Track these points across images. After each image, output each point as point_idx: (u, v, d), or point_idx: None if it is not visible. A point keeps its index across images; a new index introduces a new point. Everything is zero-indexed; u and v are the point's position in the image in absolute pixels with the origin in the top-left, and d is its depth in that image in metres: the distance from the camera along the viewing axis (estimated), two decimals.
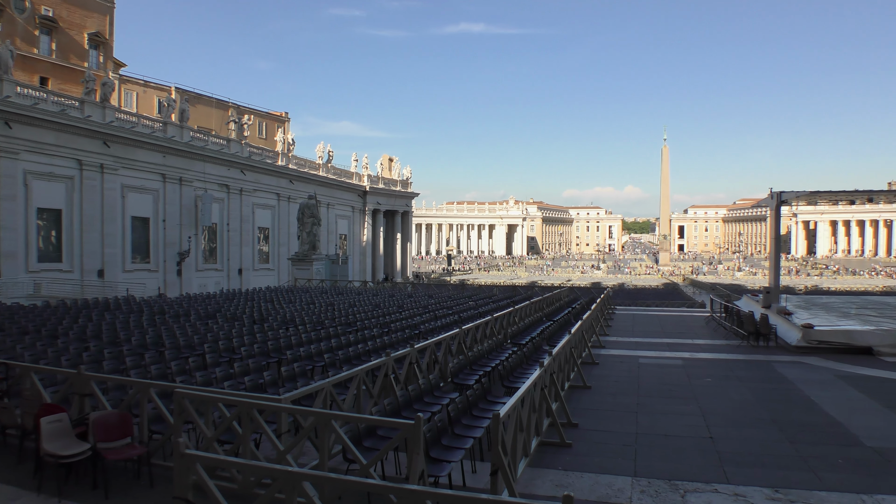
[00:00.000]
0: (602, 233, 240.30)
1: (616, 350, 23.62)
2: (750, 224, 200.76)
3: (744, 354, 23.36)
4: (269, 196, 60.52)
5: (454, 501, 7.73)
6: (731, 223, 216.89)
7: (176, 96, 58.63)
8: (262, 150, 62.06)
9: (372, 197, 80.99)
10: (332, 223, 71.61)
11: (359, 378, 11.66)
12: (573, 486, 9.54)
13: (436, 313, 26.84)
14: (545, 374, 11.98)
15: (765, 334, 25.18)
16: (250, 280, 55.00)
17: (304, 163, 68.11)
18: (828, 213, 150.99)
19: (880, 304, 36.46)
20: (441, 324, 23.30)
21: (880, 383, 18.15)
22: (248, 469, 7.76)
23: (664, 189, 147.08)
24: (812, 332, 24.09)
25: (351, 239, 77.17)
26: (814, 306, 33.76)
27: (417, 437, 7.53)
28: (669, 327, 31.90)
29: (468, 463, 9.97)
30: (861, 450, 11.81)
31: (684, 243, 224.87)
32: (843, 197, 34.70)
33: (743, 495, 9.30)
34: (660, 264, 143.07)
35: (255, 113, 76.79)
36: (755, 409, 15.15)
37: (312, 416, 8.50)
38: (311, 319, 23.01)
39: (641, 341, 26.39)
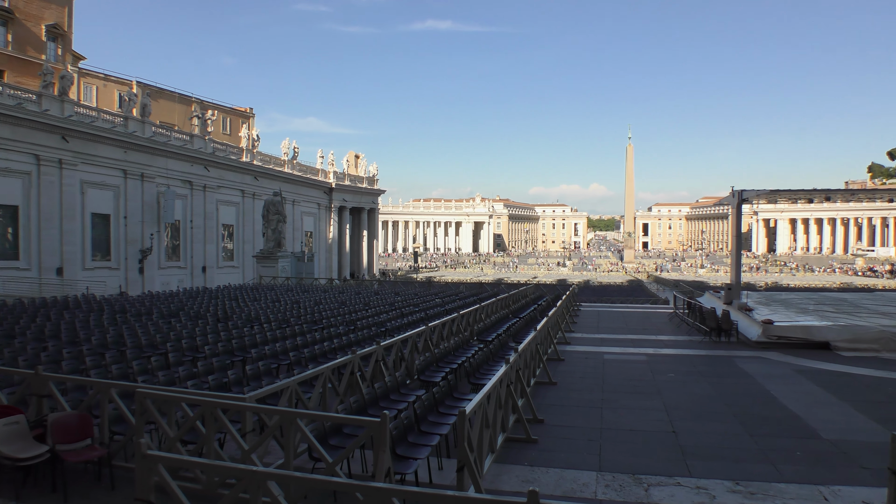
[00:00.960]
0: (568, 230, 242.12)
1: (581, 346, 23.83)
2: (712, 222, 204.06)
3: (706, 350, 23.75)
4: (234, 193, 59.81)
5: (420, 499, 7.73)
6: (694, 221, 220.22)
7: (137, 90, 57.65)
8: (226, 146, 61.30)
9: (338, 194, 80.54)
10: (298, 220, 71.05)
11: (324, 376, 11.61)
12: (539, 482, 9.61)
13: (402, 311, 26.81)
14: (511, 371, 12.05)
15: (726, 330, 25.63)
16: (214, 278, 54.31)
17: (269, 159, 67.46)
18: (787, 212, 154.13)
19: (837, 300, 37.33)
20: (407, 321, 23.29)
21: (837, 377, 18.60)
22: (212, 469, 7.68)
23: (629, 187, 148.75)
24: (772, 327, 24.59)
25: (317, 236, 76.65)
26: (774, 302, 34.44)
27: (383, 434, 7.52)
28: (634, 323, 32.28)
29: (435, 460, 9.99)
30: (819, 442, 12.11)
31: (648, 241, 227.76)
32: (801, 195, 35.45)
33: (705, 488, 9.46)
34: (624, 261, 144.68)
35: (219, 108, 75.79)
36: (717, 403, 15.42)
37: (277, 415, 8.44)
38: (276, 317, 22.82)
39: (606, 337, 26.67)
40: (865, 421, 13.62)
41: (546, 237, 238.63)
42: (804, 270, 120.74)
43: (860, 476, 10.08)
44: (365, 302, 30.54)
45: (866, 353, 22.54)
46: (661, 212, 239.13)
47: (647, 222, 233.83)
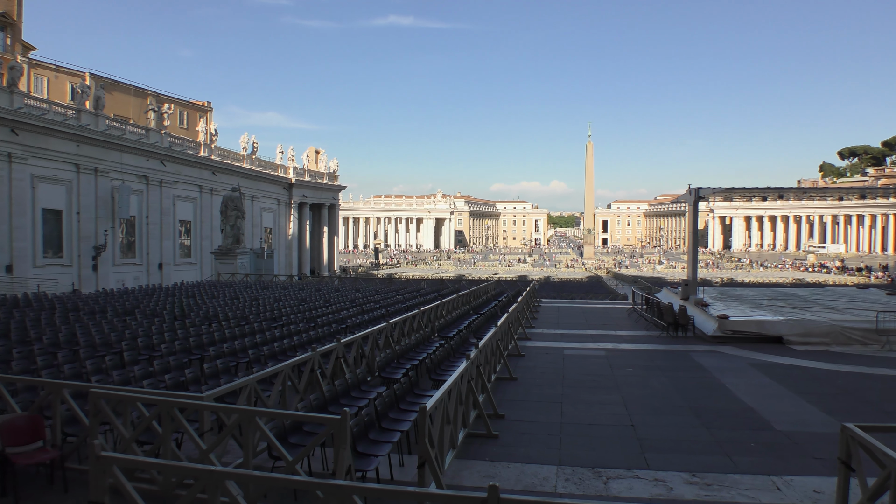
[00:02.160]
0: (528, 227, 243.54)
1: (542, 342, 24.01)
2: (670, 219, 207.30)
3: (663, 344, 24.13)
4: (191, 188, 58.83)
5: (381, 495, 7.70)
6: (653, 218, 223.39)
7: (90, 82, 56.17)
8: (183, 140, 60.23)
9: (298, 190, 79.80)
10: (257, 216, 70.23)
11: (284, 374, 11.50)
12: (500, 477, 9.66)
13: (363, 307, 26.71)
14: (472, 367, 12.08)
15: (683, 325, 26.07)
16: (171, 275, 53.34)
17: (227, 154, 66.51)
18: (742, 209, 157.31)
19: (790, 295, 38.26)
20: (368, 318, 23.21)
21: (789, 370, 19.08)
22: (169, 469, 7.55)
23: (588, 184, 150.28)
24: (727, 322, 25.09)
25: (276, 232, 75.86)
26: (729, 298, 35.15)
27: (344, 432, 7.48)
28: (593, 319, 32.63)
29: (396, 457, 9.97)
30: (772, 434, 12.41)
31: (608, 237, 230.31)
32: (756, 193, 36.26)
33: (662, 480, 9.62)
34: (584, 258, 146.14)
35: (176, 102, 74.48)
36: (674, 397, 15.68)
37: (236, 414, 8.32)
38: (234, 315, 22.54)
39: (566, 333, 26.92)
40: (816, 413, 13.99)
41: (507, 234, 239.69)
42: (758, 267, 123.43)
43: (812, 466, 10.37)
44: (325, 299, 30.35)
45: (817, 346, 23.17)
46: (620, 209, 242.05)
47: (606, 219, 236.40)
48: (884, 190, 66.44)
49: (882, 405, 15.14)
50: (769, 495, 9.13)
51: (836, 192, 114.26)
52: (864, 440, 7.15)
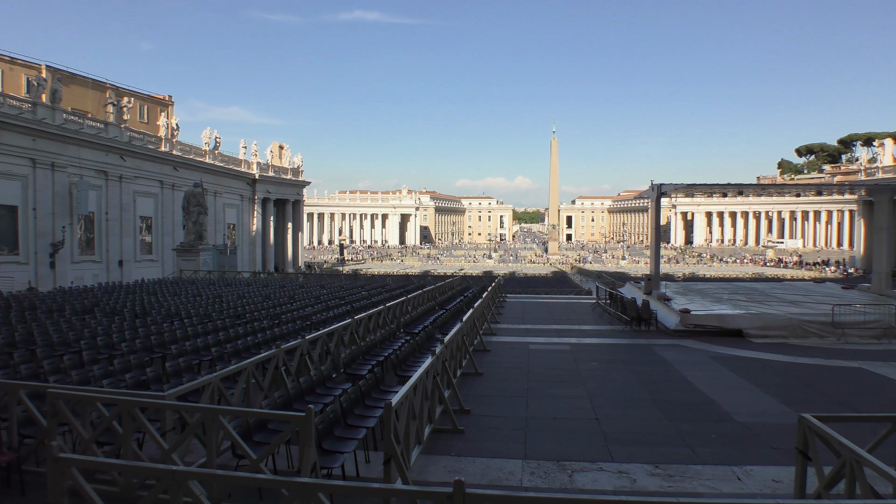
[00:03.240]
0: (494, 222, 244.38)
1: (507, 337, 24.14)
2: (633, 215, 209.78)
3: (627, 339, 24.44)
4: (152, 183, 57.77)
5: (347, 492, 7.68)
6: (616, 214, 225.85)
7: (47, 75, 54.77)
8: (143, 134, 59.09)
9: (262, 185, 78.94)
10: (220, 212, 69.30)
11: (248, 371, 11.38)
12: (466, 471, 9.70)
13: (328, 304, 26.57)
14: (437, 362, 12.10)
15: (646, 319, 26.44)
16: (132, 272, 52.33)
17: (189, 149, 65.47)
18: (704, 205, 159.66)
19: (749, 289, 38.99)
20: (333, 314, 23.09)
21: (749, 363, 19.47)
22: (130, 470, 7.42)
23: (553, 180, 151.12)
24: (689, 316, 25.50)
25: (240, 228, 74.97)
26: (690, 292, 35.69)
27: (308, 429, 7.43)
28: (558, 314, 32.89)
29: (362, 453, 9.95)
30: (732, 425, 12.67)
31: (572, 233, 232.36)
32: (716, 189, 36.85)
33: (626, 472, 9.76)
34: (549, 253, 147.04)
35: (136, 95, 72.95)
36: (637, 390, 15.90)
37: (199, 412, 8.22)
38: (197, 312, 22.24)
39: (531, 328, 27.11)
40: (775, 404, 14.32)
41: (472, 229, 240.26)
42: (719, 262, 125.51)
43: (770, 456, 10.60)
44: (290, 295, 30.11)
45: (776, 339, 23.69)
46: (584, 205, 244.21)
47: (570, 215, 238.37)
48: (839, 187, 67.76)
49: (838, 396, 15.54)
50: (729, 485, 9.32)
51: (793, 189, 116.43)
52: (820, 430, 7.33)
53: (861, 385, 16.72)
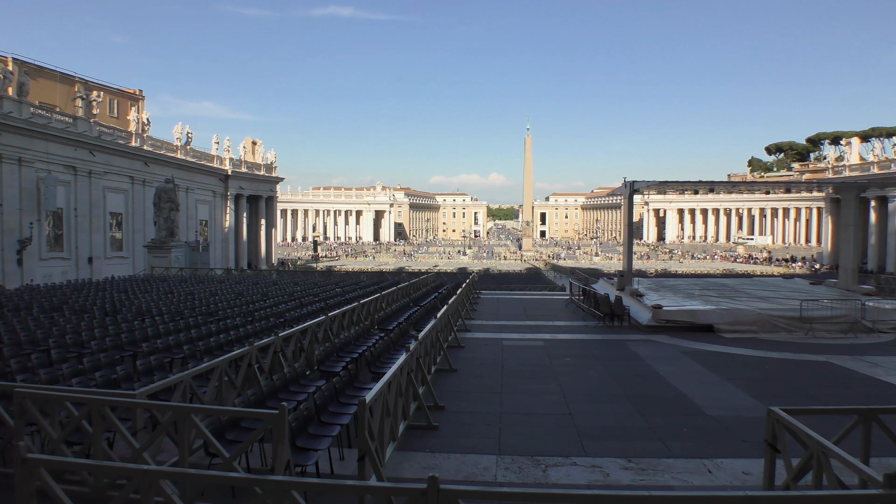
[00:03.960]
0: (468, 219, 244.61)
1: (481, 333, 24.20)
2: (606, 211, 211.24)
3: (600, 334, 24.62)
4: (123, 179, 56.89)
5: (321, 490, 7.67)
6: (590, 210, 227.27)
7: (14, 68, 53.61)
8: (113, 129, 58.14)
9: (234, 181, 78.19)
10: (192, 208, 68.49)
11: (220, 369, 11.28)
12: (440, 468, 9.71)
13: (301, 300, 26.44)
14: (412, 359, 12.10)
15: (619, 315, 26.66)
16: (102, 269, 51.53)
17: (160, 144, 64.59)
18: (676, 202, 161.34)
19: (720, 285, 39.49)
20: (307, 311, 22.98)
21: (720, 357, 19.75)
22: (100, 470, 7.34)
23: (527, 177, 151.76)
24: (661, 312, 25.78)
25: (212, 225, 74.20)
26: (663, 288, 36.06)
27: (282, 426, 7.39)
28: (532, 310, 33.04)
29: (336, 450, 9.93)
30: (703, 419, 12.85)
31: (546, 229, 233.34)
32: (688, 187, 37.22)
33: (599, 466, 9.85)
34: (523, 250, 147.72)
35: (106, 89, 71.76)
36: (610, 385, 16.05)
37: (170, 411, 8.13)
38: (169, 310, 21.99)
39: (505, 324, 27.21)
40: (745, 397, 14.54)
41: (447, 226, 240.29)
42: (690, 258, 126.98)
43: (741, 448, 10.77)
44: (263, 292, 29.91)
45: (746, 334, 24.04)
46: (558, 201, 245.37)
47: (544, 211, 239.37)
48: (807, 184, 68.94)
49: (806, 389, 15.83)
50: (701, 477, 9.45)
51: (763, 186, 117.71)
52: (788, 423, 7.46)
53: (828, 378, 17.04)
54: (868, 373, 17.33)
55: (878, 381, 16.43)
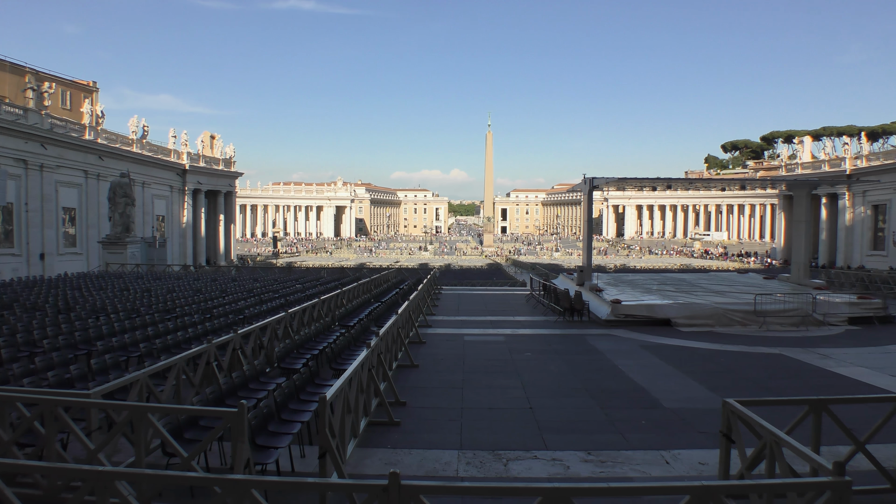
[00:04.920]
0: (429, 215, 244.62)
1: (442, 329, 24.25)
2: (567, 207, 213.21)
3: (560, 329, 24.87)
4: (76, 173, 55.53)
5: (281, 488, 7.62)
6: (550, 206, 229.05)
7: None
8: (66, 122, 56.68)
9: (192, 176, 76.91)
10: (149, 203, 67.19)
11: (178, 367, 11.11)
12: (402, 463, 9.72)
13: (261, 297, 26.18)
14: (372, 355, 12.08)
15: (579, 310, 26.95)
16: (55, 266, 50.27)
17: (115, 138, 63.14)
18: (634, 199, 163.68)
19: (678, 280, 40.16)
20: (267, 308, 22.75)
21: (677, 351, 20.10)
22: (54, 472, 7.17)
23: (488, 173, 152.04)
24: (620, 306, 26.13)
25: (169, 220, 72.93)
26: (622, 283, 36.54)
27: (241, 424, 7.32)
28: (493, 305, 33.21)
29: (297, 448, 9.86)
30: (661, 411, 13.07)
31: (507, 225, 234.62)
32: (646, 183, 37.80)
33: (560, 459, 9.96)
34: (484, 246, 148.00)
35: (59, 81, 69.85)
36: (570, 379, 16.22)
37: (126, 410, 7.98)
38: (125, 307, 21.55)
39: (467, 319, 27.29)
40: (701, 390, 14.84)
41: (408, 222, 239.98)
42: (649, 253, 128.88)
43: (697, 440, 11.00)
44: (222, 289, 29.53)
45: (702, 328, 24.51)
46: (518, 197, 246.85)
47: (505, 207, 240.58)
48: (761, 182, 70.95)
49: (760, 381, 16.22)
50: (659, 469, 9.62)
51: (719, 183, 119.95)
52: (743, 414, 7.63)
53: (781, 370, 17.48)
54: (819, 364, 17.83)
55: (828, 372, 16.92)
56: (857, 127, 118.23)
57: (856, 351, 19.97)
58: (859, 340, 22.12)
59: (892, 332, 23.68)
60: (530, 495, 5.82)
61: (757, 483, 6.84)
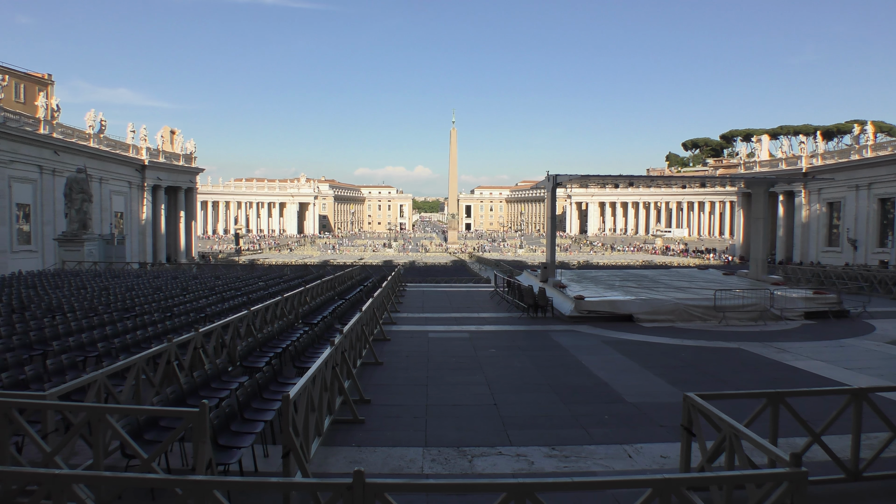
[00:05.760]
0: (394, 211, 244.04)
1: (407, 326, 24.22)
2: (530, 204, 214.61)
3: (524, 325, 25.01)
4: (30, 168, 54.10)
5: (244, 488, 7.54)
6: (514, 203, 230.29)
7: None
8: (20, 115, 55.19)
9: (152, 172, 75.57)
10: (107, 200, 65.83)
11: (138, 367, 10.91)
12: (367, 461, 9.68)
13: (223, 295, 25.86)
14: (336, 353, 12.01)
15: (543, 306, 27.13)
16: (8, 264, 48.94)
17: (72, 132, 61.70)
18: (597, 196, 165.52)
19: (639, 276, 40.70)
20: (229, 306, 22.49)
21: (639, 346, 20.37)
22: (8, 476, 6.97)
23: (452, 170, 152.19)
24: (583, 302, 26.36)
25: (128, 217, 71.55)
26: (585, 279, 36.87)
27: (203, 424, 7.21)
28: (457, 302, 33.26)
29: (260, 447, 9.75)
30: (623, 406, 13.24)
31: (471, 222, 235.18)
32: (609, 180, 38.30)
33: (524, 455, 10.01)
34: (448, 242, 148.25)
35: (12, 73, 68.05)
36: (534, 375, 16.32)
37: (84, 412, 7.80)
38: (82, 306, 21.10)
39: (431, 316, 27.30)
40: (662, 384, 15.05)
41: (372, 218, 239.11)
42: (611, 250, 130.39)
43: (659, 433, 11.16)
44: (183, 287, 29.09)
45: (663, 323, 24.87)
46: (483, 194, 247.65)
47: (469, 204, 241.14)
48: (721, 179, 72.29)
49: (720, 375, 16.51)
50: (621, 462, 9.74)
51: (680, 181, 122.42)
52: (703, 407, 7.77)
53: (740, 364, 17.83)
54: (776, 358, 18.22)
55: (785, 365, 17.30)
56: (812, 126, 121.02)
57: (811, 345, 20.46)
58: (815, 334, 22.66)
59: (846, 327, 24.29)
60: (495, 491, 5.84)
61: (717, 475, 6.98)
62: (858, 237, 68.10)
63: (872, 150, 68.40)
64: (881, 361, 17.95)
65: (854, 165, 69.63)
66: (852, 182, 69.29)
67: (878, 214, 67.83)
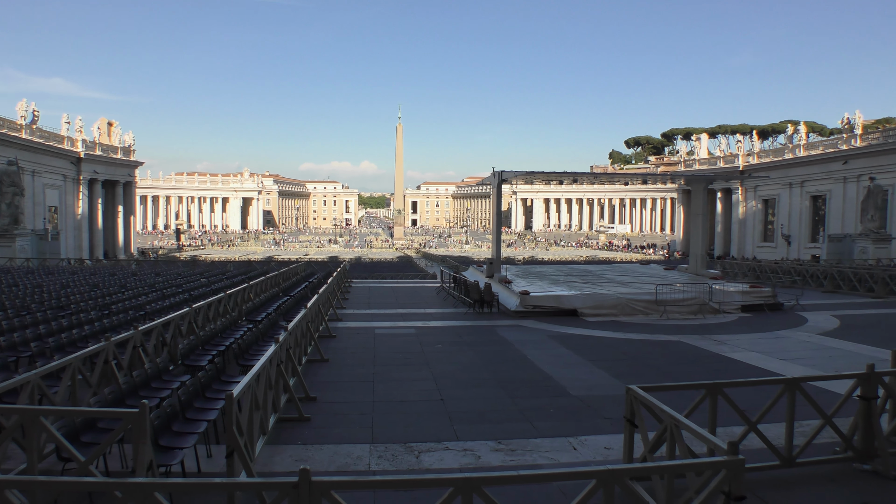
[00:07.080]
0: (339, 207, 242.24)
1: (353, 322, 24.08)
2: (476, 200, 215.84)
3: (470, 321, 25.13)
4: None
5: (187, 489, 7.39)
6: (460, 199, 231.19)
7: None
8: None
9: (88, 165, 73.24)
10: (39, 193, 63.57)
11: (73, 367, 10.57)
12: (313, 459, 9.59)
13: (164, 292, 25.28)
14: (281, 350, 11.87)
15: (489, 301, 27.31)
16: None
17: (2, 123, 59.35)
18: (542, 192, 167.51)
19: (583, 271, 41.30)
20: (170, 303, 21.99)
21: (583, 340, 20.68)
22: None
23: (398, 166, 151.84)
24: (528, 298, 26.63)
25: (63, 211, 69.22)
26: (530, 275, 37.26)
27: (143, 425, 7.03)
28: (404, 298, 33.22)
29: (203, 448, 9.55)
30: (568, 399, 13.43)
31: (418, 218, 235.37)
32: (553, 177, 38.78)
33: (471, 450, 10.07)
34: (394, 238, 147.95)
35: None
36: (481, 370, 16.42)
37: (16, 414, 7.52)
38: (13, 304, 20.34)
39: (377, 312, 27.21)
40: (606, 377, 15.33)
41: (317, 214, 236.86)
42: (556, 245, 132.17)
43: (602, 426, 11.36)
44: (121, 284, 28.33)
45: (607, 317, 25.31)
46: (429, 190, 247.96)
47: (416, 200, 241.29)
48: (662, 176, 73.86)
49: (661, 367, 16.90)
50: (567, 455, 9.88)
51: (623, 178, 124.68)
52: (645, 399, 7.94)
53: (680, 357, 18.28)
54: (715, 350, 18.75)
55: (723, 357, 17.81)
56: (749, 126, 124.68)
57: (748, 337, 21.11)
58: (751, 327, 23.40)
59: (780, 319, 25.13)
60: (442, 486, 5.85)
61: (658, 465, 7.15)
62: (792, 233, 70.63)
63: (805, 150, 71.01)
64: (813, 352, 18.62)
65: (788, 164, 72.17)
66: (786, 180, 71.83)
67: (810, 211, 70.49)
